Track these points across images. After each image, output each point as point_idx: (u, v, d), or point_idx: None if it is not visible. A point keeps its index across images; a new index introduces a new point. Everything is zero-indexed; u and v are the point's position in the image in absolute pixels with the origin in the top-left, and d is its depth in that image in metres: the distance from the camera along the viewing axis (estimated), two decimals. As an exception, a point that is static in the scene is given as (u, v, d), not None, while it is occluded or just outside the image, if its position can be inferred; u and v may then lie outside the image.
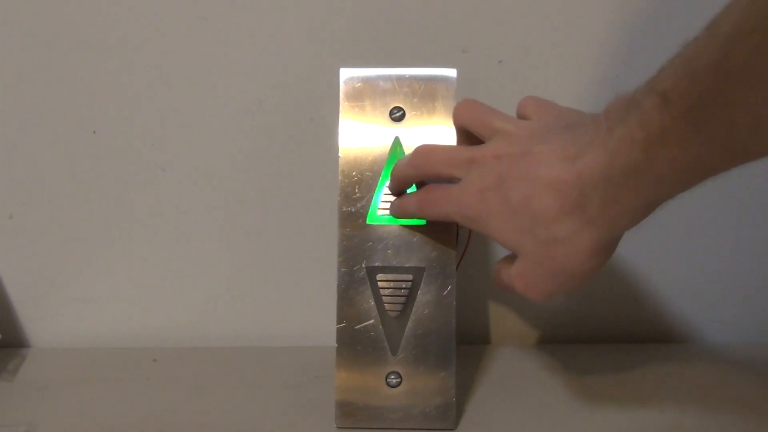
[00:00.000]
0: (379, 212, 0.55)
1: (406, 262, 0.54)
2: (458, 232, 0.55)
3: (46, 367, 0.65)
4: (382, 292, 0.54)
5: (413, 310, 0.54)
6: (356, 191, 0.55)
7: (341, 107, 0.56)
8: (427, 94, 0.56)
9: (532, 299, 0.47)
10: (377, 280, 0.54)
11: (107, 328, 0.68)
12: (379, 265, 0.54)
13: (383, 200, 0.55)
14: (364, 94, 0.56)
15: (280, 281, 0.68)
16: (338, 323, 0.54)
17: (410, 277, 0.54)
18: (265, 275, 0.68)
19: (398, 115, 0.56)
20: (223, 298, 0.68)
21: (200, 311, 0.69)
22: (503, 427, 0.55)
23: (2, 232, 0.67)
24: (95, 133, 0.65)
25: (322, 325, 0.62)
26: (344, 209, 0.55)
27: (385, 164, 0.55)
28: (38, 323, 0.69)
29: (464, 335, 0.62)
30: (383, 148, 0.55)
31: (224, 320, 0.69)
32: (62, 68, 0.64)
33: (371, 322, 0.54)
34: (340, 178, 0.55)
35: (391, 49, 0.63)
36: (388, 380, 0.54)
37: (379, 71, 0.56)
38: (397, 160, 0.54)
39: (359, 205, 0.55)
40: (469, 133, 0.52)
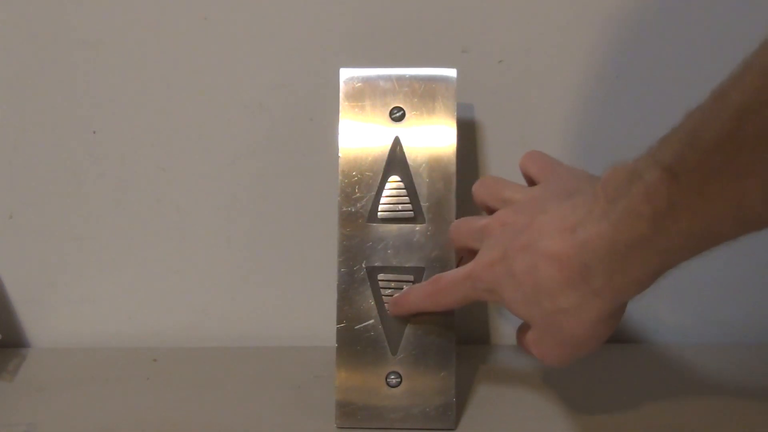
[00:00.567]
0: (379, 213, 0.55)
1: (406, 262, 0.54)
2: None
3: (46, 367, 0.65)
4: (382, 292, 0.54)
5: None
6: (356, 191, 0.55)
7: (341, 107, 0.56)
8: (427, 94, 0.56)
9: (549, 365, 0.48)
10: (377, 280, 0.54)
11: (107, 328, 0.68)
12: (379, 265, 0.54)
13: (383, 201, 0.55)
14: (364, 94, 0.56)
15: (280, 281, 0.67)
16: (338, 323, 0.54)
17: (410, 277, 0.54)
18: (265, 275, 0.67)
19: (398, 115, 0.56)
20: (223, 298, 0.68)
21: (200, 311, 0.68)
22: (503, 427, 0.55)
23: (2, 232, 0.66)
24: (95, 133, 0.65)
25: (322, 325, 0.61)
26: (344, 209, 0.55)
27: (385, 164, 0.55)
28: (38, 323, 0.69)
29: (464, 335, 0.62)
30: (383, 148, 0.55)
31: (224, 320, 0.69)
32: (62, 68, 0.63)
33: (371, 322, 0.54)
34: (340, 178, 0.55)
35: (391, 49, 0.63)
36: (388, 380, 0.54)
37: (379, 71, 0.56)
38: (396, 159, 0.54)
39: (359, 205, 0.55)
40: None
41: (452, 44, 0.63)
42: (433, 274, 0.54)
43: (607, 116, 0.64)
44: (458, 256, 0.55)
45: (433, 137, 0.55)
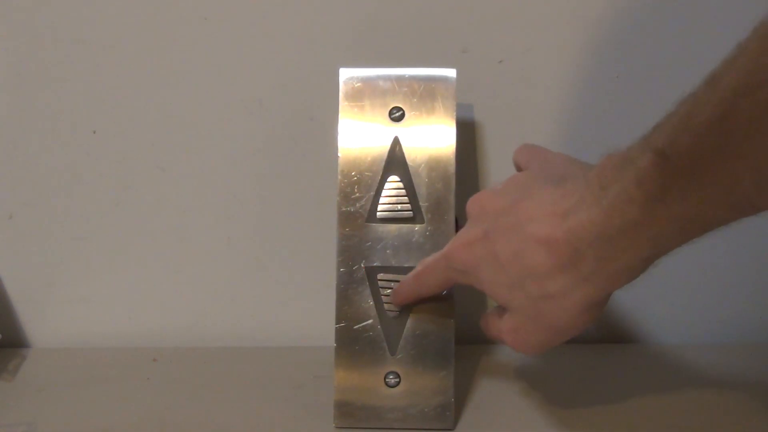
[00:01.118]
0: (378, 213, 0.55)
1: (405, 261, 0.54)
2: (457, 232, 0.55)
3: (46, 367, 0.65)
4: (381, 292, 0.54)
5: (412, 310, 0.54)
6: (355, 191, 0.55)
7: (341, 107, 0.56)
8: (426, 94, 0.56)
9: (522, 353, 0.47)
10: (376, 280, 0.54)
11: (107, 328, 0.68)
12: (378, 264, 0.54)
13: (382, 201, 0.55)
14: (363, 94, 0.56)
15: (279, 281, 0.67)
16: (337, 323, 0.54)
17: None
18: (264, 275, 0.67)
19: (398, 115, 0.56)
20: (222, 298, 0.68)
21: (200, 311, 0.68)
22: (502, 427, 0.55)
23: (2, 232, 0.66)
24: (95, 133, 0.65)
25: (321, 325, 0.61)
26: (343, 209, 0.55)
27: (384, 164, 0.55)
28: (38, 323, 0.69)
29: (464, 335, 0.62)
30: (383, 148, 0.55)
31: (224, 320, 0.69)
32: (62, 68, 0.64)
33: (370, 321, 0.54)
34: (339, 177, 0.55)
35: (391, 49, 0.63)
36: (386, 380, 0.54)
37: (378, 71, 0.56)
38: (396, 160, 0.54)
39: (358, 205, 0.55)
40: None
41: (452, 44, 0.63)
42: (432, 274, 0.54)
43: (606, 116, 0.64)
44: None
45: (432, 137, 0.55)
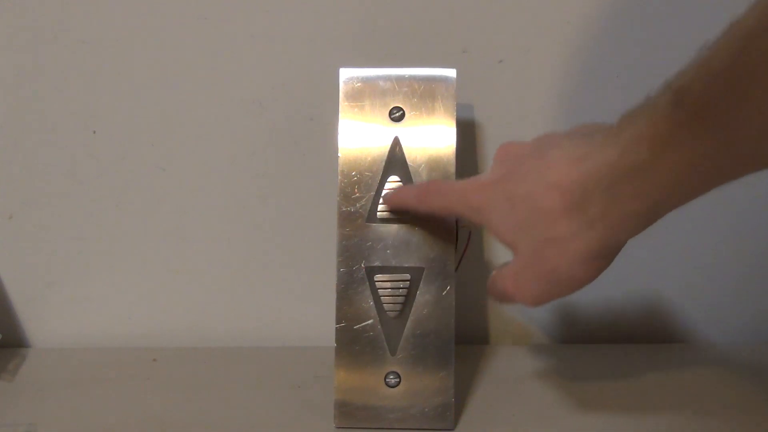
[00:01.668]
0: (378, 213, 0.55)
1: (405, 262, 0.54)
2: (458, 232, 0.55)
3: (46, 367, 0.65)
4: (380, 292, 0.54)
5: (412, 310, 0.54)
6: (355, 191, 0.55)
7: (341, 107, 0.56)
8: (426, 94, 0.56)
9: (520, 302, 0.47)
10: (376, 280, 0.54)
11: (107, 328, 0.68)
12: (378, 265, 0.54)
13: (382, 201, 0.55)
14: (363, 94, 0.56)
15: (279, 281, 0.68)
16: (337, 323, 0.54)
17: (408, 276, 0.54)
18: (264, 275, 0.67)
19: (398, 115, 0.56)
20: (223, 298, 0.68)
21: (200, 311, 0.69)
22: (502, 427, 0.55)
23: (2, 232, 0.67)
24: (95, 133, 0.65)
25: (321, 325, 0.61)
26: (343, 209, 0.55)
27: (384, 164, 0.55)
28: (38, 323, 0.69)
29: (463, 335, 0.62)
30: (383, 148, 0.55)
31: (224, 320, 0.69)
32: (62, 68, 0.64)
33: (370, 322, 0.54)
34: (339, 178, 0.55)
35: (391, 49, 0.63)
36: (387, 380, 0.54)
37: (378, 71, 0.56)
38: (396, 160, 0.54)
39: (358, 205, 0.55)
40: None
41: (452, 44, 0.63)
42: (432, 274, 0.54)
43: (606, 116, 0.63)
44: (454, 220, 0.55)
45: (432, 137, 0.55)
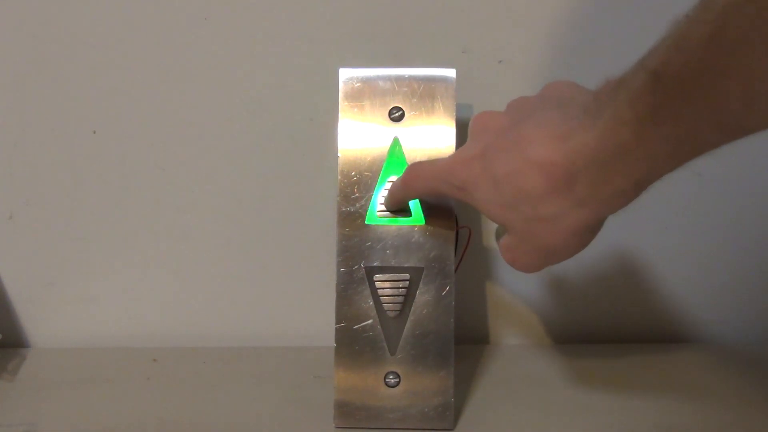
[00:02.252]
0: (378, 213, 0.55)
1: (404, 262, 0.54)
2: (458, 232, 0.55)
3: (46, 367, 0.65)
4: (380, 292, 0.54)
5: (412, 310, 0.54)
6: (355, 191, 0.55)
7: (340, 107, 0.56)
8: (426, 94, 0.56)
9: (519, 270, 0.47)
10: (375, 280, 0.54)
11: (107, 328, 0.69)
12: (377, 265, 0.54)
13: (382, 201, 0.55)
14: (363, 94, 0.56)
15: (279, 281, 0.68)
16: (337, 323, 0.54)
17: (407, 276, 0.54)
18: (264, 275, 0.67)
19: (397, 115, 0.56)
20: (223, 298, 0.68)
21: (200, 311, 0.69)
22: (502, 427, 0.55)
23: (2, 232, 0.67)
24: (95, 133, 0.65)
25: (321, 325, 0.62)
26: (343, 209, 0.55)
27: (384, 164, 0.55)
28: (38, 323, 0.69)
29: (463, 335, 0.62)
30: (382, 148, 0.55)
31: (224, 320, 0.69)
32: (62, 68, 0.64)
33: (370, 322, 0.54)
34: (339, 178, 0.55)
35: (391, 49, 0.63)
36: (386, 380, 0.54)
37: (378, 71, 0.56)
38: (395, 160, 0.54)
39: (358, 205, 0.55)
40: None
41: (452, 44, 0.63)
42: (432, 274, 0.54)
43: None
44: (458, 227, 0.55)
45: (432, 137, 0.55)
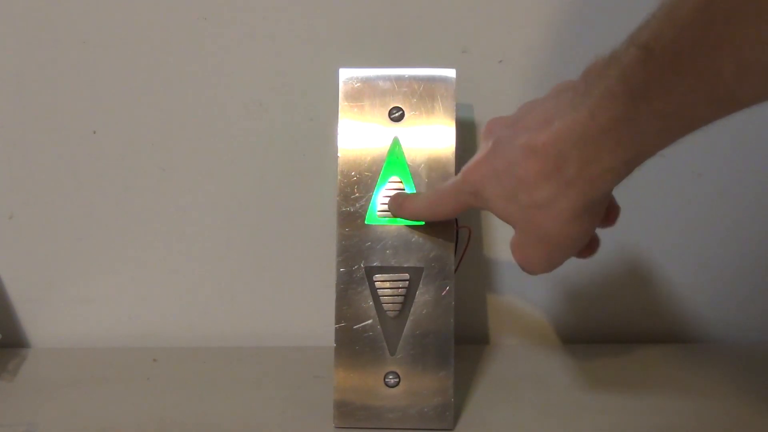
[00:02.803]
0: (378, 213, 0.55)
1: (404, 262, 0.54)
2: (458, 233, 0.55)
3: (46, 367, 0.65)
4: (380, 292, 0.54)
5: (412, 310, 0.54)
6: (355, 191, 0.55)
7: (340, 107, 0.56)
8: (426, 94, 0.56)
9: (530, 272, 0.47)
10: (375, 280, 0.54)
11: (107, 328, 0.69)
12: (377, 265, 0.54)
13: (382, 201, 0.55)
14: (363, 94, 0.56)
15: (279, 281, 0.68)
16: (337, 323, 0.54)
17: (407, 276, 0.54)
18: (264, 275, 0.68)
19: (397, 115, 0.56)
20: (223, 298, 0.68)
21: (200, 311, 0.69)
22: (501, 427, 0.55)
23: (2, 232, 0.67)
24: (95, 133, 0.65)
25: (321, 325, 0.62)
26: (343, 209, 0.55)
27: (384, 164, 0.55)
28: (38, 323, 0.69)
29: (463, 335, 0.62)
30: (382, 148, 0.55)
31: (224, 320, 0.69)
32: (62, 68, 0.64)
33: (370, 322, 0.54)
34: (339, 178, 0.55)
35: (391, 49, 0.63)
36: (386, 380, 0.54)
37: (378, 71, 0.56)
38: (395, 160, 0.54)
39: (358, 205, 0.55)
40: None
41: (452, 44, 0.63)
42: (431, 274, 0.54)
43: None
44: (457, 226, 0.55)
45: (432, 137, 0.55)
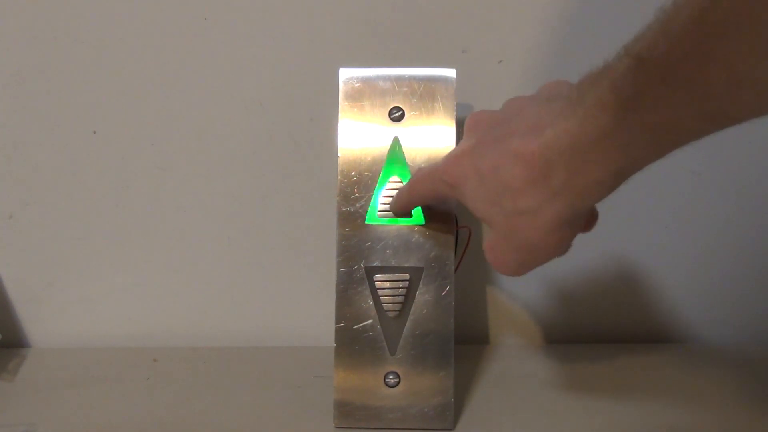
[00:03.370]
0: (378, 213, 0.55)
1: (404, 262, 0.54)
2: (458, 233, 0.55)
3: (46, 367, 0.65)
4: (380, 292, 0.54)
5: (412, 310, 0.54)
6: (355, 191, 0.55)
7: (341, 107, 0.56)
8: (426, 94, 0.56)
9: (503, 273, 0.47)
10: (375, 280, 0.54)
11: (107, 328, 0.69)
12: (377, 265, 0.54)
13: (382, 201, 0.55)
14: (363, 94, 0.56)
15: (279, 281, 0.68)
16: (337, 323, 0.54)
17: (407, 276, 0.54)
18: (264, 275, 0.68)
19: (397, 115, 0.56)
20: (223, 298, 0.68)
21: (200, 311, 0.69)
22: (501, 427, 0.55)
23: (2, 232, 0.67)
24: (95, 133, 0.65)
25: (321, 325, 0.62)
26: (343, 209, 0.55)
27: (384, 164, 0.55)
28: (38, 323, 0.69)
29: (463, 335, 0.62)
30: (382, 148, 0.55)
31: (224, 320, 0.69)
32: (62, 68, 0.64)
33: (370, 322, 0.54)
34: (339, 178, 0.55)
35: (391, 49, 0.63)
36: (386, 380, 0.54)
37: (378, 71, 0.56)
38: (395, 159, 0.54)
39: (358, 205, 0.55)
40: None
41: (452, 44, 0.63)
42: (432, 274, 0.54)
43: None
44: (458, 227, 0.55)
45: (432, 137, 0.55)
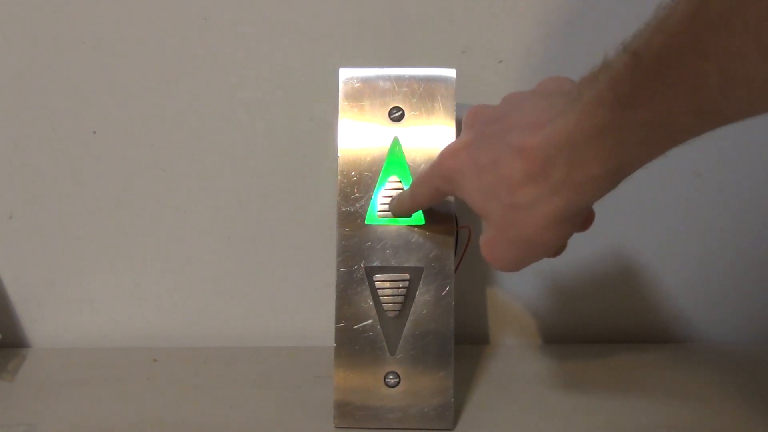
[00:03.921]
0: (378, 213, 0.55)
1: (404, 262, 0.54)
2: (458, 233, 0.55)
3: (46, 367, 0.65)
4: (380, 292, 0.54)
5: (412, 310, 0.54)
6: (355, 191, 0.55)
7: (340, 107, 0.56)
8: (426, 94, 0.56)
9: (497, 268, 0.47)
10: (375, 280, 0.54)
11: (107, 328, 0.69)
12: (377, 265, 0.54)
13: (382, 201, 0.55)
14: (363, 94, 0.56)
15: (279, 281, 0.68)
16: (337, 323, 0.54)
17: (407, 276, 0.54)
18: (264, 275, 0.68)
19: (397, 115, 0.56)
20: (223, 298, 0.68)
21: (200, 311, 0.69)
22: (501, 427, 0.55)
23: (2, 232, 0.67)
24: (95, 133, 0.65)
25: (321, 325, 0.62)
26: (343, 209, 0.55)
27: (384, 164, 0.55)
28: (38, 323, 0.69)
29: (463, 335, 0.62)
30: (382, 148, 0.55)
31: (224, 320, 0.69)
32: (62, 68, 0.64)
33: (370, 322, 0.54)
34: (339, 178, 0.55)
35: (391, 49, 0.63)
36: (386, 380, 0.54)
37: (378, 71, 0.56)
38: (395, 160, 0.54)
39: (358, 205, 0.55)
40: None
41: (452, 44, 0.63)
42: (431, 274, 0.54)
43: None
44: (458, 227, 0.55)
45: (432, 137, 0.55)
